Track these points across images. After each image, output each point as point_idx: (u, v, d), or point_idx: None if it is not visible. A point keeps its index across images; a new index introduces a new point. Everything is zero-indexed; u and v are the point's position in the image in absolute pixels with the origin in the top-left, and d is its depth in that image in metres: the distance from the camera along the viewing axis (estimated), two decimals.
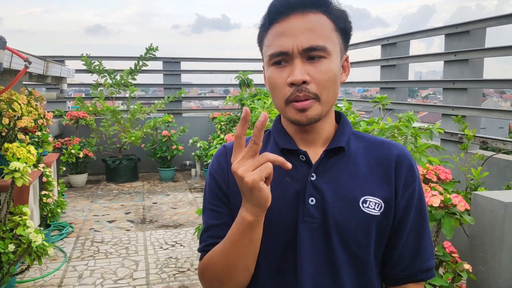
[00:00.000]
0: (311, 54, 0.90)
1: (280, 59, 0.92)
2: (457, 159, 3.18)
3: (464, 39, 3.91)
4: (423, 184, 2.38)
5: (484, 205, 2.19)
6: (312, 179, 0.94)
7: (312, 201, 0.93)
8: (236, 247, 0.90)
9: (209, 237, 1.00)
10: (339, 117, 1.04)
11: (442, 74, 4.25)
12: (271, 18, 0.93)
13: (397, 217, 0.96)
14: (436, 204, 2.12)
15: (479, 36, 3.87)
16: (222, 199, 1.00)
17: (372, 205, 0.93)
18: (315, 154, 0.98)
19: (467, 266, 2.17)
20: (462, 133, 3.55)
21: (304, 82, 0.89)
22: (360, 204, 0.93)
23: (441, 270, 2.28)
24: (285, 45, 0.90)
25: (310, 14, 0.91)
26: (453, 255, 2.29)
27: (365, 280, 0.96)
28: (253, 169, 0.80)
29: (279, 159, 0.82)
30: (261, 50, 1.00)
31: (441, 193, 2.19)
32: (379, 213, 0.93)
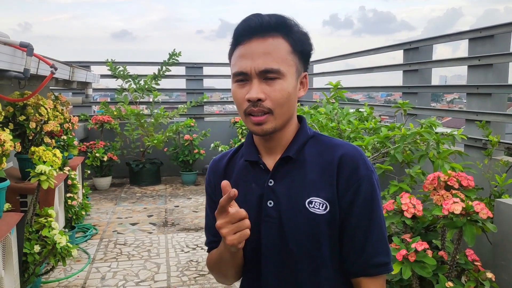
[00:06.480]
0: (267, 76, 1.02)
1: (241, 78, 1.04)
2: (481, 166, 3.13)
3: (489, 44, 3.84)
4: (444, 191, 2.35)
5: (507, 212, 2.15)
6: (270, 184, 1.10)
7: (270, 203, 1.08)
8: (224, 264, 1.12)
9: (208, 234, 1.23)
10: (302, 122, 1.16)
11: (466, 78, 4.18)
12: (236, 41, 1.06)
13: (342, 215, 1.05)
14: (457, 212, 2.09)
15: (504, 40, 3.79)
16: (211, 205, 1.22)
17: (317, 205, 1.05)
18: (274, 162, 1.11)
19: (489, 275, 2.13)
20: (486, 139, 3.49)
21: (259, 100, 1.02)
22: (307, 205, 1.05)
23: (463, 279, 2.24)
24: (245, 67, 1.02)
25: (269, 38, 1.03)
26: (476, 263, 2.25)
27: (322, 274, 1.06)
28: (235, 232, 0.97)
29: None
30: (230, 65, 1.12)
31: (463, 200, 2.16)
32: (324, 212, 1.04)
